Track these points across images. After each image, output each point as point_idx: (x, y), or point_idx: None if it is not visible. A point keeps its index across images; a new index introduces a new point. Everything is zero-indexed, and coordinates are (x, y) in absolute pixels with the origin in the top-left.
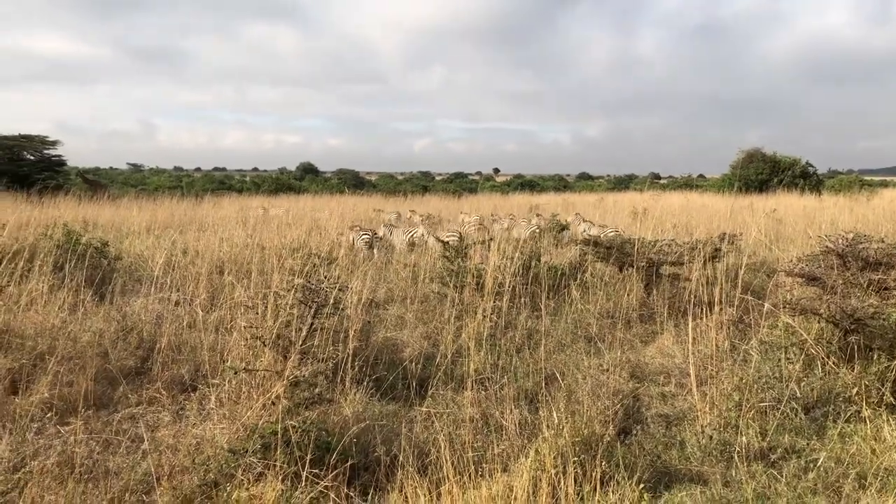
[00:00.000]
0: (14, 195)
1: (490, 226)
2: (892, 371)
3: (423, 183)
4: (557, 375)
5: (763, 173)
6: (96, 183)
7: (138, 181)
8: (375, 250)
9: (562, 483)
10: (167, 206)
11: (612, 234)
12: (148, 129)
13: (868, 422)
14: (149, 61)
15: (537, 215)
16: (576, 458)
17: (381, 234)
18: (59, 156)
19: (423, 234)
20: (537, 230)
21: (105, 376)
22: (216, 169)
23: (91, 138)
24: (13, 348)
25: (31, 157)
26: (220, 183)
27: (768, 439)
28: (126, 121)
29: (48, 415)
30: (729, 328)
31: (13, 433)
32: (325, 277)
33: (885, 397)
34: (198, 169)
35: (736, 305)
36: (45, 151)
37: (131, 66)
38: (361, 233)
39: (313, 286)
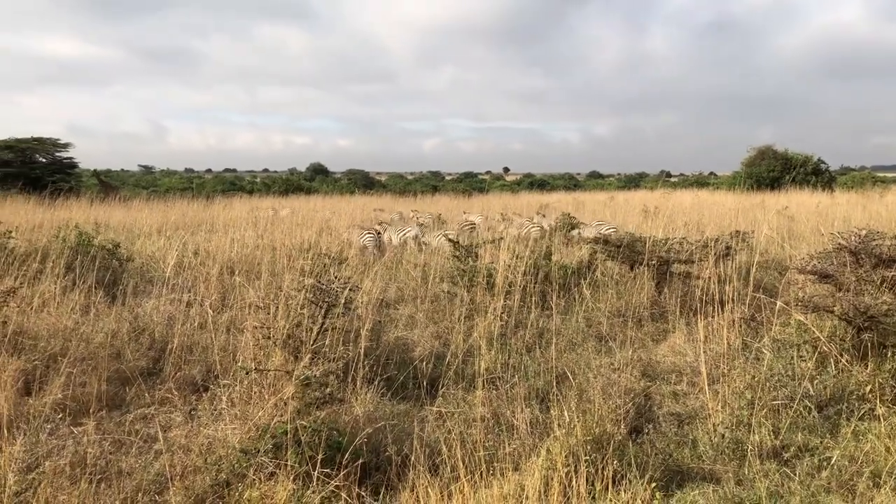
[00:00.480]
0: (27, 197)
1: (497, 225)
2: None
3: (433, 183)
4: (568, 374)
5: (775, 171)
6: (108, 185)
7: (149, 183)
8: (377, 249)
9: (573, 482)
10: (178, 207)
11: (610, 230)
12: (158, 130)
13: (882, 420)
14: (159, 63)
15: (537, 213)
16: (587, 457)
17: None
18: (71, 158)
19: (415, 234)
20: (536, 228)
21: (117, 377)
22: (227, 170)
23: (102, 140)
24: (26, 349)
25: (44, 160)
26: (231, 184)
27: (781, 437)
28: (137, 123)
29: (60, 416)
30: (741, 326)
31: (27, 434)
32: (336, 277)
33: None
34: (208, 170)
35: (748, 303)
36: (57, 154)
37: (141, 68)
38: (365, 232)
39: (324, 286)
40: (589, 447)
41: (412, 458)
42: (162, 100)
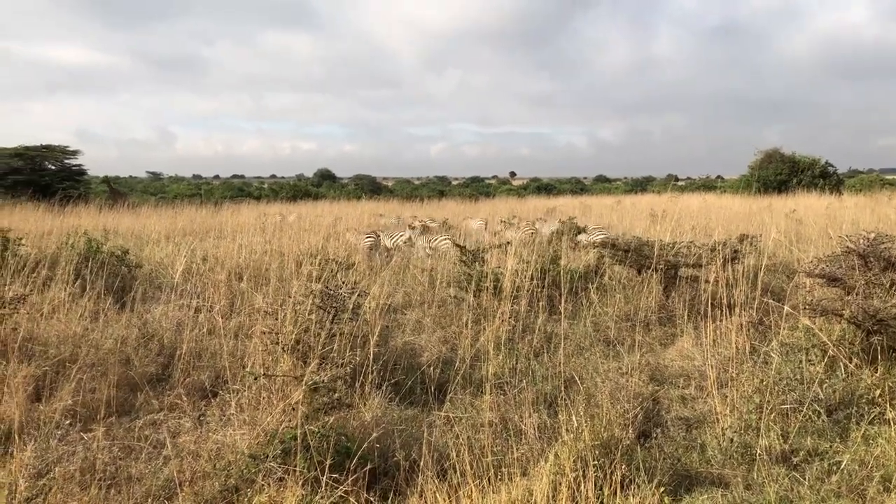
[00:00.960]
0: (36, 204)
1: (504, 230)
2: None
3: (439, 188)
4: (576, 379)
5: (782, 174)
6: (116, 191)
7: (158, 189)
8: (377, 252)
9: (581, 487)
10: (186, 213)
11: (602, 236)
12: (166, 137)
13: (892, 424)
14: (166, 70)
15: (538, 219)
16: (595, 462)
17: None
18: (80, 165)
19: (409, 238)
20: (529, 231)
21: (126, 383)
22: (234, 176)
23: (111, 147)
24: (36, 356)
25: (53, 167)
26: (239, 190)
27: (790, 442)
28: (144, 130)
29: (70, 421)
30: (749, 330)
31: (37, 440)
32: (344, 283)
33: None
34: (216, 176)
35: (756, 307)
36: (66, 161)
37: (148, 76)
38: (365, 236)
39: (332, 292)
40: (597, 452)
41: (420, 463)
42: (169, 107)
